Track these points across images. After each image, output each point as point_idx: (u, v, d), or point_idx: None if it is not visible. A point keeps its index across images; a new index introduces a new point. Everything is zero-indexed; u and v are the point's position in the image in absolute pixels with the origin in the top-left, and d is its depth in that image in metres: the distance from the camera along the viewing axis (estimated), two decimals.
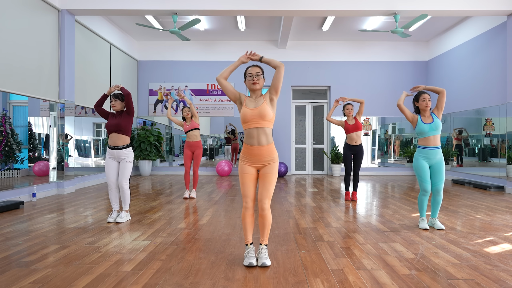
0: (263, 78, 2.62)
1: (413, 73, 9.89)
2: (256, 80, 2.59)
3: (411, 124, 3.76)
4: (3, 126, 5.14)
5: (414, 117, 3.74)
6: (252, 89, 2.62)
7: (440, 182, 3.66)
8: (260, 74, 2.59)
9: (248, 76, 2.61)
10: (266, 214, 2.61)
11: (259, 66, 2.62)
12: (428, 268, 2.58)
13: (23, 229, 3.66)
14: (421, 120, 3.68)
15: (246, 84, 2.65)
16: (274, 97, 2.61)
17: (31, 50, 5.57)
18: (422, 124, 3.65)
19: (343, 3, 6.34)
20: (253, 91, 2.64)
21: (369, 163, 10.03)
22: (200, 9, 6.38)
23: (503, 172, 6.73)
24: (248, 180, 2.59)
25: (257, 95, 2.64)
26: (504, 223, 3.97)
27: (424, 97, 3.69)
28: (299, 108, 10.17)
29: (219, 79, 2.59)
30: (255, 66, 2.62)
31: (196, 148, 5.61)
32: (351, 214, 4.50)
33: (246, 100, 2.63)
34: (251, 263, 2.58)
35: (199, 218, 4.22)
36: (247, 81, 2.62)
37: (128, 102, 3.95)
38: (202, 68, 9.88)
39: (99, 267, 2.58)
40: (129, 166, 4.01)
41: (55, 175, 6.20)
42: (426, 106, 3.67)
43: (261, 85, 2.62)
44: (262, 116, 2.53)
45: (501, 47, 6.98)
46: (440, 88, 3.65)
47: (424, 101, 3.68)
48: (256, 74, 2.59)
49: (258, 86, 2.61)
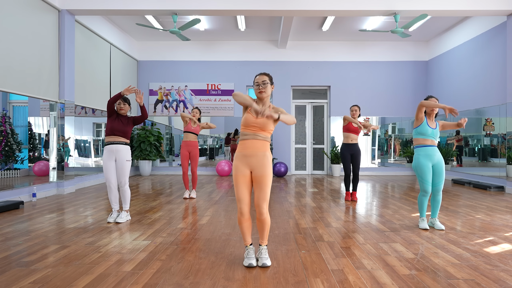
0: (270, 86, 2.62)
1: (413, 73, 9.89)
2: (262, 89, 2.58)
3: (415, 121, 3.77)
4: (3, 126, 5.14)
5: (422, 118, 3.76)
6: (259, 97, 2.63)
7: (440, 183, 3.67)
8: (266, 83, 2.59)
9: (255, 85, 2.61)
10: (264, 219, 2.59)
11: (266, 74, 2.62)
12: (428, 268, 2.58)
13: (23, 229, 3.66)
14: (427, 122, 3.71)
15: (255, 92, 2.66)
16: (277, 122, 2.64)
17: (31, 50, 5.57)
18: (427, 126, 3.70)
19: (343, 3, 6.34)
20: (260, 99, 2.64)
21: (369, 163, 10.03)
22: (200, 9, 6.38)
23: (503, 172, 6.73)
24: (241, 182, 2.57)
25: (264, 103, 2.65)
26: (504, 223, 3.97)
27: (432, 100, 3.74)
28: (299, 108, 10.17)
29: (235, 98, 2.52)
30: (263, 74, 2.62)
31: (193, 148, 5.60)
32: (351, 214, 4.50)
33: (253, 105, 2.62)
34: (251, 264, 2.58)
35: (199, 218, 4.22)
36: (255, 89, 2.63)
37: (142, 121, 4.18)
38: (202, 68, 9.88)
39: (99, 267, 2.58)
40: (127, 165, 4.01)
41: (55, 175, 6.20)
42: (431, 110, 3.72)
43: (268, 93, 2.62)
44: (262, 127, 2.56)
45: (501, 47, 6.98)
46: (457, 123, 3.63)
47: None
48: (263, 83, 2.58)
49: (265, 95, 2.61)
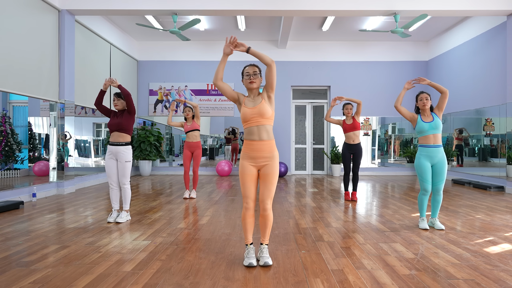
0: (260, 77, 2.63)
1: (413, 73, 9.88)
2: (253, 79, 2.60)
3: (411, 124, 3.75)
4: (3, 126, 5.14)
5: (414, 116, 3.74)
6: (249, 88, 2.63)
7: (440, 183, 3.66)
8: (257, 73, 2.61)
9: (245, 75, 2.62)
10: (268, 215, 2.62)
11: (256, 65, 2.64)
12: (428, 268, 2.58)
13: (23, 229, 3.66)
14: (421, 119, 3.69)
15: (244, 83, 2.66)
16: (271, 94, 2.63)
17: (31, 50, 5.57)
18: (422, 123, 3.66)
19: (343, 3, 6.34)
20: (250, 90, 2.65)
21: (369, 163, 10.03)
22: (200, 9, 6.38)
23: (503, 172, 6.73)
24: (248, 181, 2.59)
25: (255, 94, 2.66)
26: (504, 223, 3.97)
27: (422, 96, 3.71)
28: (299, 108, 10.17)
29: (216, 83, 2.59)
30: (252, 65, 2.64)
31: (196, 148, 5.63)
32: (351, 214, 4.50)
33: (245, 99, 2.65)
34: (251, 264, 2.58)
35: (199, 218, 4.22)
36: (245, 80, 2.63)
37: (128, 102, 3.96)
38: (202, 68, 9.88)
39: (99, 267, 2.58)
40: (128, 165, 4.02)
41: (55, 175, 6.20)
42: (423, 105, 3.68)
43: (258, 84, 2.63)
44: (261, 114, 2.55)
45: (501, 47, 6.98)
46: (444, 88, 3.59)
47: (421, 101, 3.70)
48: (253, 73, 2.60)
49: (256, 85, 2.62)
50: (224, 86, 2.60)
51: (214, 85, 2.59)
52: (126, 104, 3.99)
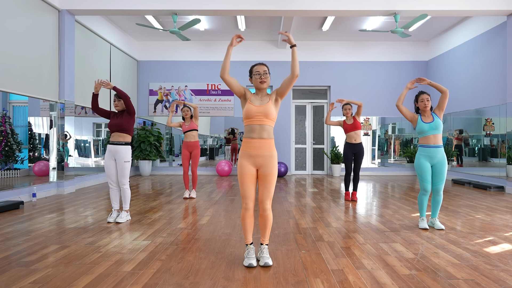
0: (269, 76, 2.63)
1: (413, 73, 9.88)
2: (263, 79, 2.59)
3: (412, 124, 3.75)
4: (3, 126, 5.14)
5: (414, 117, 3.74)
6: (259, 88, 2.63)
7: (440, 183, 3.66)
8: (267, 72, 2.61)
9: (255, 74, 2.61)
10: (267, 215, 2.62)
11: (265, 65, 2.64)
12: (428, 268, 2.58)
13: (23, 229, 3.66)
14: (421, 119, 3.69)
15: (253, 82, 2.65)
16: (280, 99, 2.64)
17: (31, 50, 5.57)
18: (422, 123, 3.66)
19: (343, 3, 6.34)
20: (259, 90, 2.64)
21: (369, 163, 10.03)
22: (200, 9, 6.38)
23: (503, 172, 6.73)
24: (247, 181, 2.58)
25: (263, 93, 2.65)
26: (504, 223, 3.97)
27: (423, 97, 3.70)
28: (299, 108, 10.17)
29: (223, 76, 2.56)
30: (262, 64, 2.64)
31: (194, 148, 5.63)
32: (351, 214, 4.50)
33: (252, 97, 2.64)
34: (251, 264, 2.58)
35: (199, 218, 4.22)
36: (254, 79, 2.62)
37: (126, 103, 3.95)
38: (202, 68, 9.88)
39: (99, 267, 2.58)
40: (127, 165, 4.02)
41: (55, 175, 6.20)
42: (424, 106, 3.68)
43: (268, 83, 2.63)
44: (266, 115, 2.55)
45: (501, 47, 6.98)
46: (444, 88, 3.58)
47: (422, 102, 3.69)
48: (264, 72, 2.60)
49: (266, 85, 2.62)
50: (232, 80, 2.59)
51: (221, 78, 2.56)
52: (125, 105, 3.99)
